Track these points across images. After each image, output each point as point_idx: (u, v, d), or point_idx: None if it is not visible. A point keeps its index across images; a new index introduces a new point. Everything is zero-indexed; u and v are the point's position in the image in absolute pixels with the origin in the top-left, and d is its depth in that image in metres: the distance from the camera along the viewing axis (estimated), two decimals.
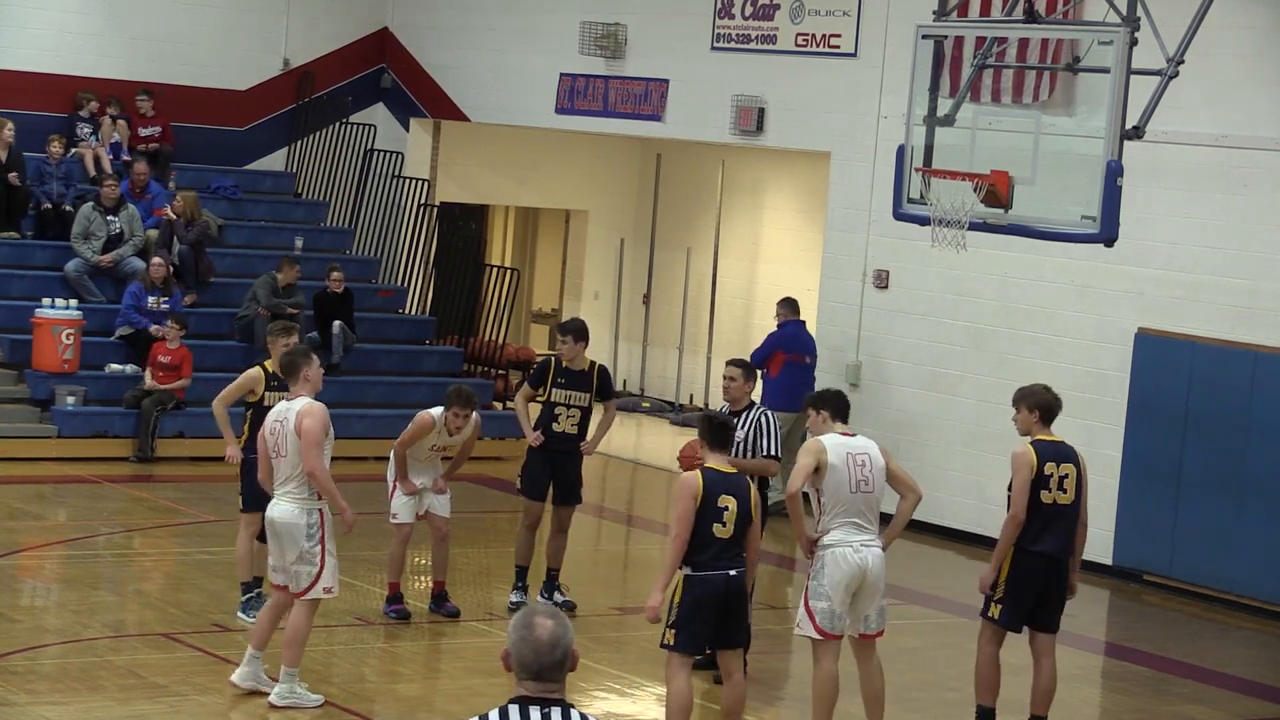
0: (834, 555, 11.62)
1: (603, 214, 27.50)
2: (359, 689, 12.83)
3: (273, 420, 12.09)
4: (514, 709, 5.71)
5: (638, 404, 26.65)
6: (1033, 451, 12.10)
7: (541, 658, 5.75)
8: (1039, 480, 12.04)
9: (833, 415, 11.90)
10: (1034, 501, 12.04)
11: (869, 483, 11.68)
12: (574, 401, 14.75)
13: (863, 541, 11.65)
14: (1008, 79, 18.10)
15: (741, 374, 13.13)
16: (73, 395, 20.45)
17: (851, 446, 11.72)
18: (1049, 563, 12.12)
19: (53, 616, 14.38)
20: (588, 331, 15.01)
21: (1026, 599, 12.14)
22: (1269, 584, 17.17)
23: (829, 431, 11.85)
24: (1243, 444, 17.28)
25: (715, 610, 11.12)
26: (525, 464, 15.00)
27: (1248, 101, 17.34)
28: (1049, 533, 12.07)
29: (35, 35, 23.75)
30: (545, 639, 5.74)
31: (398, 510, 14.37)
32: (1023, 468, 12.06)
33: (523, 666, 5.76)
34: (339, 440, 20.55)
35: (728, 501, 11.07)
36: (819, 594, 11.65)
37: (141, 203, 22.63)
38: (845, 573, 11.59)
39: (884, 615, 11.90)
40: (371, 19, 25.94)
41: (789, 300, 20.43)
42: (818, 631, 11.67)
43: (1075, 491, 12.15)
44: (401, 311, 24.28)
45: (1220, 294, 17.54)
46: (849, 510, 11.63)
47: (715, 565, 11.07)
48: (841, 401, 11.99)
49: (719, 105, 21.84)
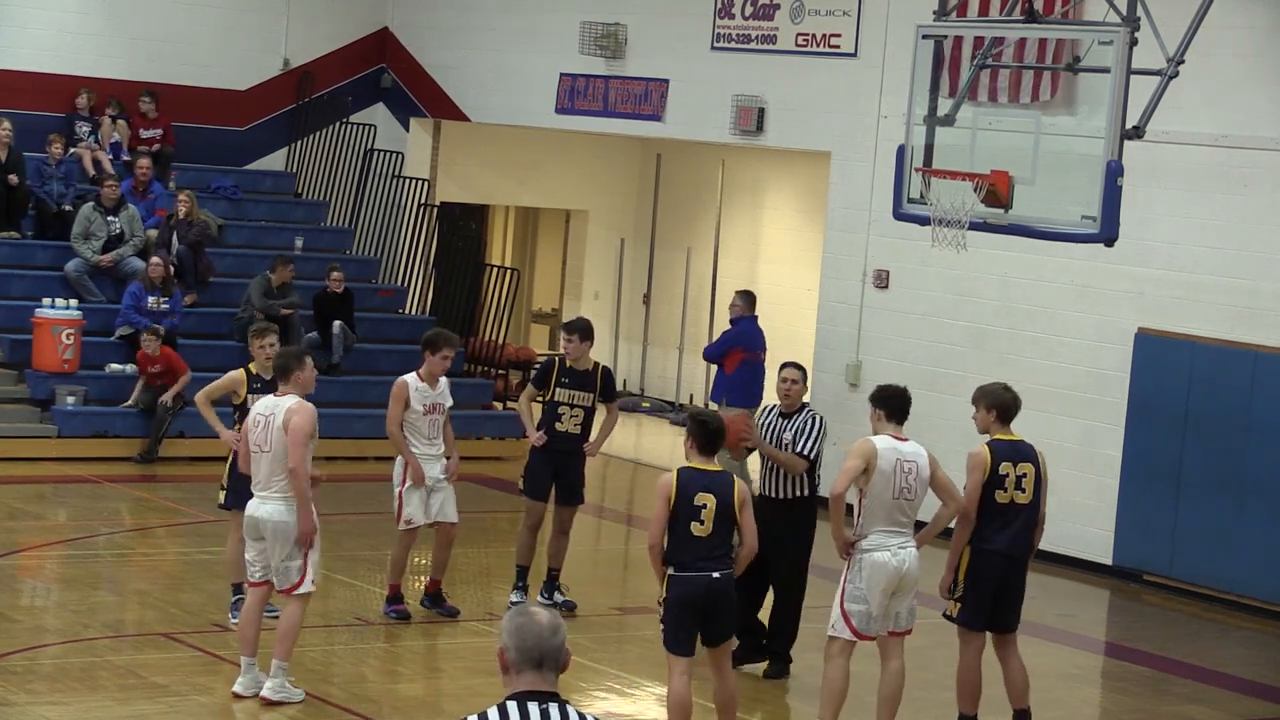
0: (873, 559, 11.63)
1: (603, 214, 27.50)
2: (359, 689, 12.83)
3: (257, 414, 12.05)
4: (512, 705, 5.64)
5: (638, 404, 26.65)
6: (988, 451, 12.09)
7: (543, 641, 5.67)
8: (994, 480, 12.02)
9: (888, 416, 11.88)
10: (989, 501, 12.02)
11: (911, 491, 11.69)
12: (577, 401, 14.74)
13: (899, 544, 11.68)
14: (1008, 79, 18.10)
15: (803, 377, 13.55)
16: (73, 395, 20.46)
17: (902, 452, 11.71)
18: (1005, 561, 12.10)
19: (52, 616, 14.38)
20: (593, 330, 15.00)
21: (985, 597, 12.11)
22: (1269, 584, 17.17)
23: (883, 432, 11.84)
24: (1243, 444, 17.28)
25: (696, 612, 11.09)
26: (528, 464, 14.97)
27: (1248, 101, 17.34)
28: (1006, 532, 12.05)
29: (35, 35, 23.75)
30: (545, 623, 5.68)
31: (412, 515, 14.24)
32: (976, 469, 12.07)
33: (523, 654, 5.66)
34: (339, 440, 20.81)
35: (705, 499, 10.98)
36: (856, 597, 11.66)
37: (144, 202, 22.64)
38: (884, 576, 11.63)
39: (914, 614, 11.94)
40: (371, 19, 25.94)
41: (748, 294, 19.84)
42: (853, 634, 11.68)
43: (1034, 491, 12.13)
44: (401, 311, 24.28)
45: (1220, 294, 17.54)
46: (888, 515, 11.65)
47: (697, 566, 11.01)
48: (899, 403, 11.93)
49: (719, 105, 21.84)
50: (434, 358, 14.16)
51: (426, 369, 14.20)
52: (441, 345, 14.20)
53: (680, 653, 11.19)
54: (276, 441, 11.90)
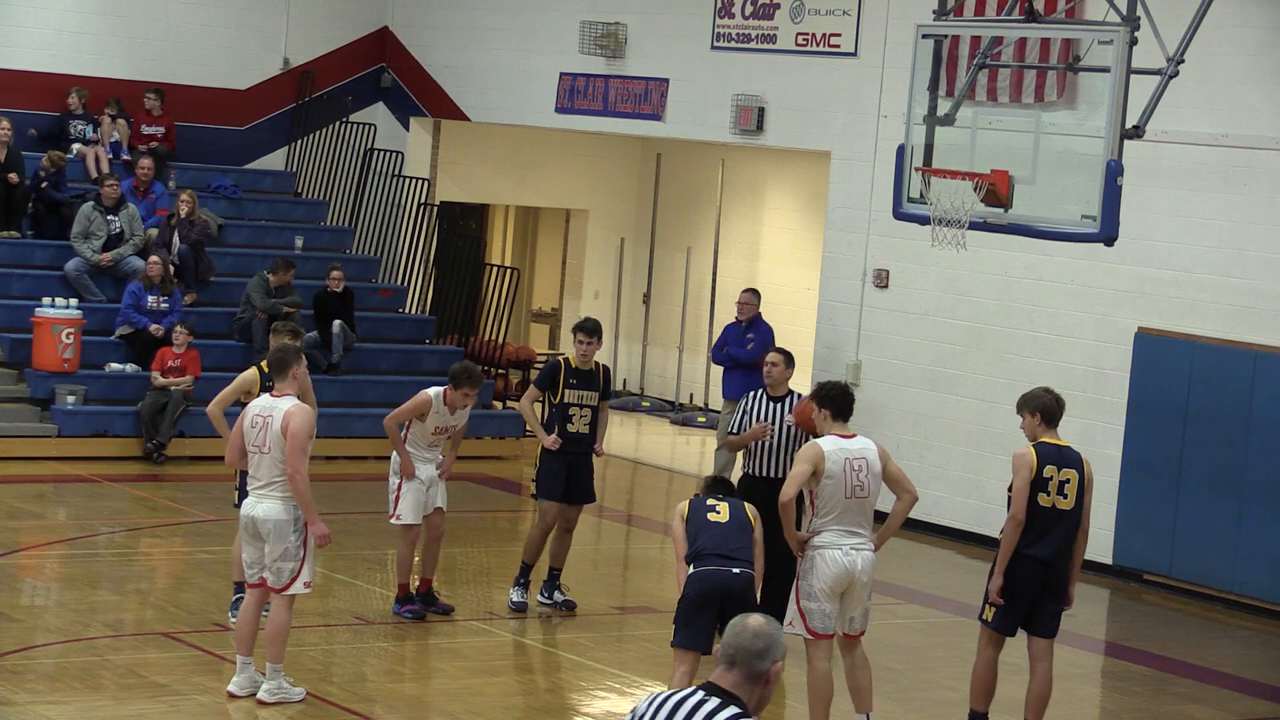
0: (824, 556, 11.61)
1: (603, 213, 27.50)
2: (359, 689, 12.83)
3: (255, 414, 12.04)
4: (695, 691, 5.95)
5: (638, 403, 26.66)
6: (1033, 453, 11.98)
7: (739, 639, 5.94)
8: (1037, 482, 11.89)
9: (834, 414, 11.83)
10: (1031, 504, 11.90)
11: (864, 488, 11.64)
12: (586, 401, 14.79)
13: (854, 545, 11.64)
14: (1008, 78, 18.10)
15: (785, 361, 14.03)
16: (73, 394, 20.45)
17: (850, 451, 11.65)
18: (1043, 567, 11.96)
19: (53, 615, 14.38)
20: (602, 331, 15.08)
21: (1019, 603, 12.00)
22: (1269, 584, 17.17)
23: (829, 432, 11.81)
24: (1243, 443, 17.28)
25: (714, 608, 11.14)
26: (541, 467, 14.90)
27: (1248, 101, 17.34)
28: (1045, 537, 11.91)
29: (35, 35, 23.75)
30: (751, 626, 5.97)
31: (403, 513, 14.30)
32: (1022, 469, 11.92)
33: (723, 650, 5.98)
34: (339, 440, 20.81)
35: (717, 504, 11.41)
36: (809, 594, 11.66)
37: (144, 201, 22.64)
38: (834, 574, 11.59)
39: (868, 616, 11.91)
40: (372, 18, 25.94)
41: (758, 293, 20.51)
42: (809, 632, 11.69)
43: (1077, 498, 11.97)
44: (401, 311, 24.28)
45: (1220, 293, 17.54)
46: (842, 515, 11.61)
47: (713, 562, 11.15)
48: (844, 400, 11.86)
49: (719, 104, 21.85)
50: (455, 392, 14.19)
51: (449, 397, 14.21)
52: (464, 383, 14.18)
53: (685, 646, 11.21)
54: (274, 442, 11.89)
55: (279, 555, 11.96)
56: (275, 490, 11.95)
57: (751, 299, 20.20)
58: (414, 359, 23.40)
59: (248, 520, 12.08)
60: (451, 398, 14.17)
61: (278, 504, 11.95)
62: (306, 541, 12.03)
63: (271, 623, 12.09)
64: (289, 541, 11.95)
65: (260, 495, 12.00)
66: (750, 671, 5.91)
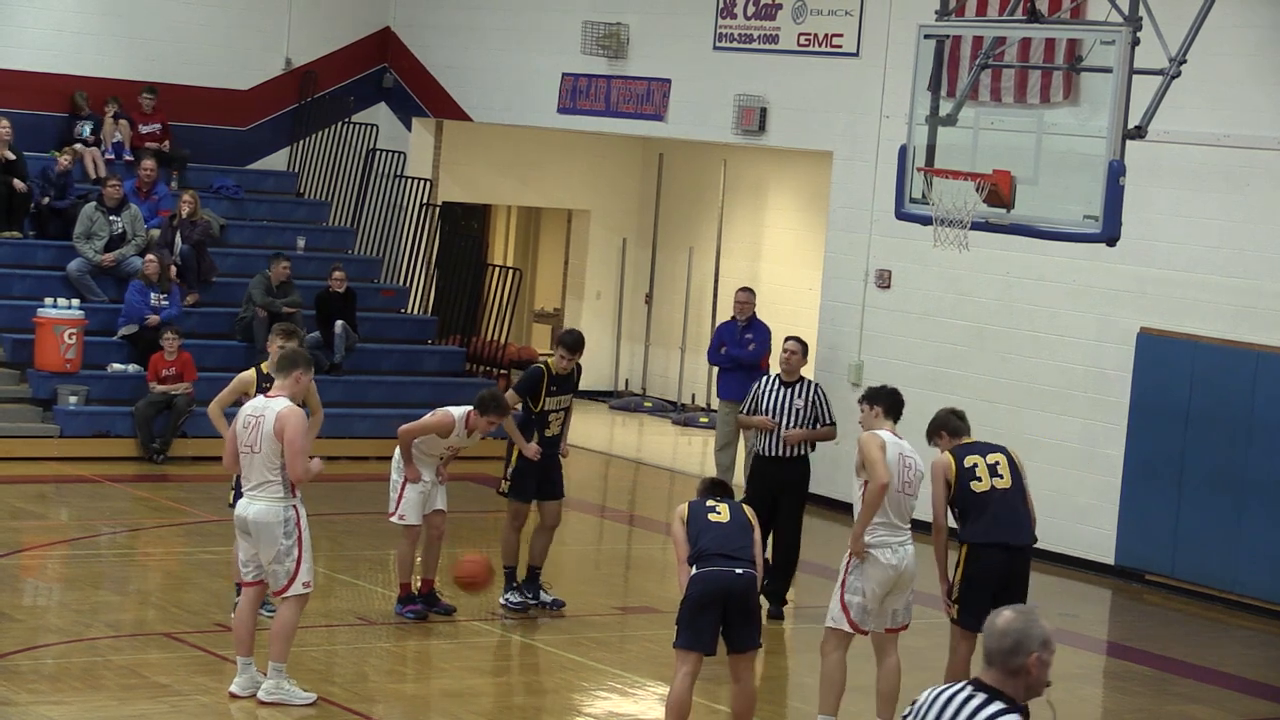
0: (873, 555, 11.68)
1: (605, 214, 27.50)
2: (360, 689, 12.83)
3: (248, 414, 12.03)
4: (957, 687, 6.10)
5: (639, 404, 26.65)
6: (948, 455, 12.13)
7: (989, 639, 6.08)
8: (965, 474, 12.01)
9: (886, 412, 11.97)
10: (968, 495, 11.99)
11: (911, 486, 11.81)
12: (563, 404, 14.91)
13: (899, 541, 11.75)
14: (1010, 78, 18.09)
15: (802, 349, 15.43)
16: (75, 395, 20.46)
17: (903, 448, 11.85)
18: (1003, 552, 12.00)
19: (54, 616, 14.38)
20: (584, 343, 15.12)
21: (982, 597, 11.90)
22: (1271, 584, 17.16)
23: (879, 428, 11.90)
24: (1244, 444, 17.28)
25: (717, 609, 11.12)
26: (516, 469, 14.90)
27: (1250, 101, 17.34)
28: (998, 523, 11.98)
29: (35, 35, 23.75)
30: (998, 626, 6.07)
31: (406, 512, 14.31)
32: (938, 477, 12.09)
33: (983, 649, 6.08)
34: (341, 440, 20.81)
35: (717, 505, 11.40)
36: (855, 589, 11.71)
37: (147, 202, 22.64)
38: (884, 575, 11.68)
39: (910, 610, 11.98)
40: (374, 18, 25.94)
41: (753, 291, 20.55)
42: (851, 626, 11.72)
43: (1013, 476, 12.07)
44: (403, 311, 24.29)
45: (1222, 293, 17.53)
46: (890, 509, 11.70)
47: (715, 562, 11.14)
48: (895, 400, 12.05)
49: (721, 105, 21.84)
50: (480, 418, 14.20)
51: (472, 420, 14.22)
52: (491, 410, 14.21)
53: (687, 647, 11.19)
54: (266, 443, 11.86)
55: (271, 558, 11.96)
56: (266, 491, 11.93)
57: (750, 298, 20.16)
58: (416, 359, 23.40)
59: (240, 521, 12.09)
60: (474, 422, 14.20)
61: (267, 505, 11.92)
62: (301, 541, 12.01)
63: (277, 621, 12.09)
64: (280, 544, 11.92)
65: (252, 496, 11.99)
66: (1007, 668, 6.04)
